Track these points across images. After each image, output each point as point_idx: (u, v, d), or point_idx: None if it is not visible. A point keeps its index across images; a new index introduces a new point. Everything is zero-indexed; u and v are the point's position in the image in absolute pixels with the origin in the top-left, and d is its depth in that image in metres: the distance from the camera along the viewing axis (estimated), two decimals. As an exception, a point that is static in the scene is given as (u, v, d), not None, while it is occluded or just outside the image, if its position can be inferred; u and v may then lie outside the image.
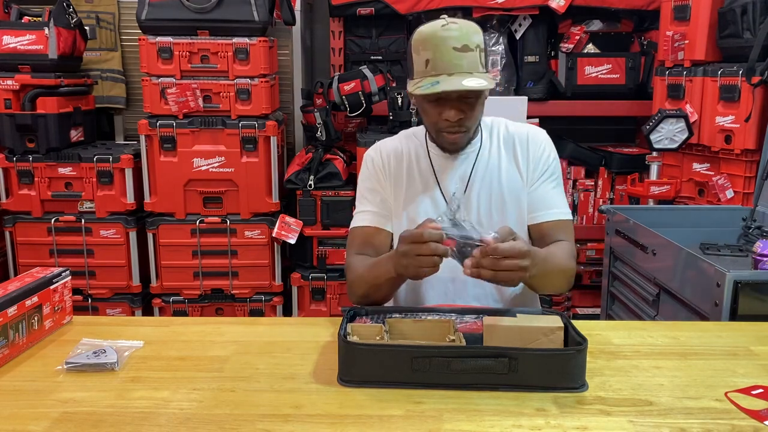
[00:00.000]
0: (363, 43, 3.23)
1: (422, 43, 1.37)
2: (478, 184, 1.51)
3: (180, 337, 1.32)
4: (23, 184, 2.90)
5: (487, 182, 1.51)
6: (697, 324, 1.58)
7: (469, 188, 1.51)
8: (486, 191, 1.51)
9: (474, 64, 1.35)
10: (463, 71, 1.34)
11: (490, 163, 1.52)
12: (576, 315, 3.10)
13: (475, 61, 1.35)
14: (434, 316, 1.26)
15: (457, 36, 1.34)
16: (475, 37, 1.36)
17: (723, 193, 2.52)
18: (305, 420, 1.00)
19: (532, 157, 1.52)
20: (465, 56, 1.34)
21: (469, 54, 1.34)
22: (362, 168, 1.60)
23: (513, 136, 1.54)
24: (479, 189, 1.51)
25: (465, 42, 1.34)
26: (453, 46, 1.34)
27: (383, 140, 1.62)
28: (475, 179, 1.51)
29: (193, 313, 3.00)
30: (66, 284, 1.38)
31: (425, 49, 1.36)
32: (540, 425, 0.99)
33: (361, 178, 1.60)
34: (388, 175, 1.55)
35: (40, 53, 2.83)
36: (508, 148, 1.53)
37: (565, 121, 3.31)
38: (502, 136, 1.55)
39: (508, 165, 1.52)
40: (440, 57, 1.34)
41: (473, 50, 1.35)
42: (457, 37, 1.34)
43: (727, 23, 2.48)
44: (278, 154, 2.96)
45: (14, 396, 1.09)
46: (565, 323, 1.19)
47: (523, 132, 1.54)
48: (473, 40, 1.35)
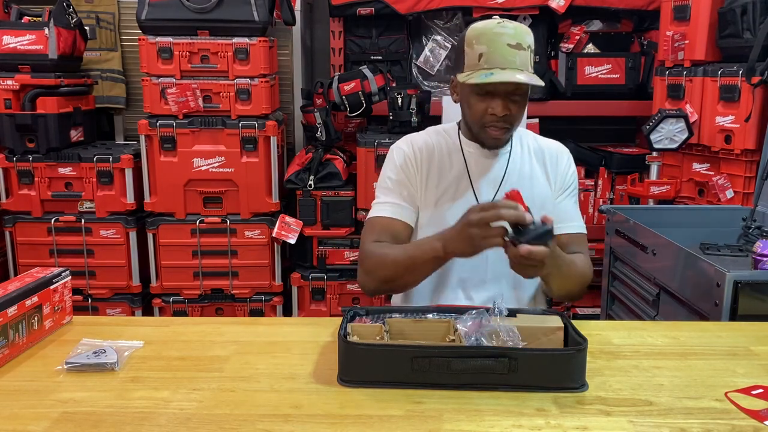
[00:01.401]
0: (363, 43, 3.23)
1: (477, 38, 1.40)
2: (512, 185, 1.53)
3: (180, 337, 1.32)
4: (23, 184, 2.90)
5: (520, 185, 1.52)
6: (697, 324, 1.58)
7: (502, 189, 1.54)
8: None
9: (525, 63, 1.39)
10: (516, 67, 1.38)
11: (522, 168, 1.56)
12: (576, 315, 3.09)
13: (527, 60, 1.40)
14: (434, 316, 1.26)
15: (512, 33, 1.38)
16: (528, 37, 1.40)
17: (723, 193, 2.52)
18: (305, 420, 1.00)
19: (561, 173, 1.59)
20: (518, 54, 1.38)
21: (522, 53, 1.38)
22: (390, 159, 1.60)
23: (543, 149, 1.60)
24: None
25: (519, 40, 1.38)
26: (508, 42, 1.37)
27: (412, 135, 1.63)
28: (508, 181, 1.54)
29: (193, 313, 3.00)
30: (66, 284, 1.38)
31: (480, 43, 1.39)
32: (540, 425, 0.99)
33: (387, 168, 1.59)
34: (419, 168, 1.56)
35: (40, 53, 2.83)
36: (539, 159, 1.59)
37: (565, 121, 3.31)
38: (532, 147, 1.60)
39: (539, 174, 1.57)
40: (495, 51, 1.38)
41: (525, 49, 1.39)
42: (512, 35, 1.38)
43: (727, 23, 2.48)
44: (278, 154, 2.96)
45: (14, 396, 1.08)
46: (565, 323, 1.19)
47: (552, 147, 1.62)
48: (526, 40, 1.39)
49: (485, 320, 1.17)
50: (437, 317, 1.25)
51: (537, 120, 3.03)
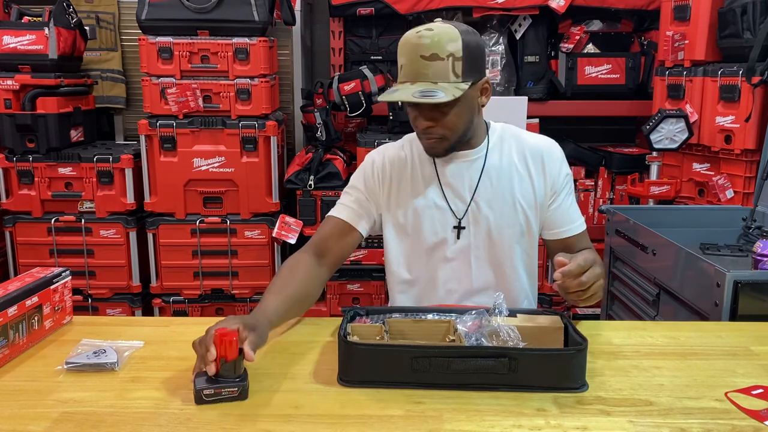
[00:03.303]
0: (363, 43, 3.23)
1: (400, 49, 1.38)
2: (490, 189, 1.49)
3: (180, 337, 1.32)
4: (23, 184, 2.90)
5: (499, 189, 1.49)
6: (697, 324, 1.58)
7: (478, 193, 1.49)
8: (500, 197, 1.49)
9: (442, 73, 1.33)
10: (428, 80, 1.33)
11: (501, 170, 1.49)
12: (576, 315, 3.09)
13: (445, 70, 1.33)
14: (434, 316, 1.26)
15: (428, 44, 1.32)
16: (450, 45, 1.33)
17: (723, 193, 2.52)
18: (305, 420, 1.00)
19: (550, 176, 1.50)
20: (432, 65, 1.32)
21: (438, 63, 1.32)
22: (361, 165, 1.60)
23: (526, 149, 1.51)
24: (492, 194, 1.49)
25: (435, 51, 1.32)
26: (421, 54, 1.33)
27: (387, 145, 1.61)
28: (486, 184, 1.49)
29: (193, 313, 3.00)
30: (66, 284, 1.38)
31: (401, 55, 1.37)
32: (540, 425, 0.99)
33: (356, 174, 1.60)
34: (384, 179, 1.54)
35: (40, 53, 2.83)
36: (521, 159, 1.50)
37: (565, 121, 3.32)
38: (514, 146, 1.52)
39: (521, 175, 1.50)
40: (409, 63, 1.35)
41: (443, 59, 1.32)
42: (427, 45, 1.32)
43: (727, 23, 2.48)
44: (278, 154, 2.96)
45: (14, 396, 1.09)
46: (565, 323, 1.19)
47: (537, 147, 1.52)
48: (446, 49, 1.33)
49: (485, 320, 1.17)
50: (437, 317, 1.25)
51: (537, 120, 3.03)
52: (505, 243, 1.49)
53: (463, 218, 1.49)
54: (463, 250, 1.50)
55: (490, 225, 1.48)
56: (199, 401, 1.05)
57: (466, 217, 1.49)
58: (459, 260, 1.51)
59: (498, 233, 1.49)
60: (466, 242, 1.50)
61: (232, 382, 1.05)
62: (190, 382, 1.07)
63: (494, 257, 1.50)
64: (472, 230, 1.49)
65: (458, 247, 1.50)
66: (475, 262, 1.51)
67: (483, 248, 1.50)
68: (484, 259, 1.51)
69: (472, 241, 1.50)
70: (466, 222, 1.50)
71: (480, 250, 1.50)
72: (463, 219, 1.49)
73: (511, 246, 1.50)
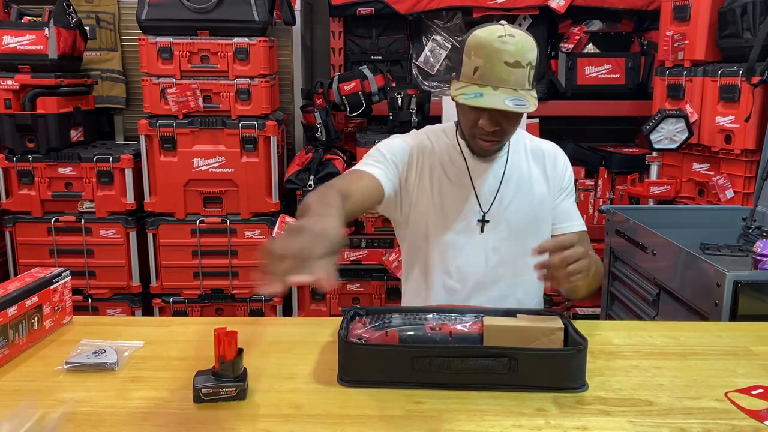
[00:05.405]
0: (363, 43, 3.23)
1: (476, 49, 1.37)
2: (512, 186, 1.55)
3: (180, 337, 1.32)
4: (23, 184, 2.90)
5: (520, 186, 1.55)
6: (697, 324, 1.58)
7: (502, 190, 1.54)
8: (521, 194, 1.55)
9: (521, 81, 1.36)
10: (509, 87, 1.35)
11: (520, 169, 1.56)
12: (576, 315, 3.09)
13: (523, 78, 1.36)
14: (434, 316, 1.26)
15: (512, 51, 1.33)
16: (530, 54, 1.36)
17: (723, 193, 2.52)
18: (305, 420, 1.00)
19: (559, 175, 1.59)
20: (514, 72, 1.34)
21: (519, 71, 1.35)
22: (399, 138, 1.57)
23: (539, 150, 1.60)
24: (514, 191, 1.55)
25: (518, 58, 1.34)
26: (505, 60, 1.33)
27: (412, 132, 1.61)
28: (507, 182, 1.55)
29: (193, 313, 3.00)
30: (66, 284, 1.38)
31: (477, 56, 1.36)
32: (540, 425, 0.99)
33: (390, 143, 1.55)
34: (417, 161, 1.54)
35: (40, 53, 2.83)
36: (537, 160, 1.59)
37: (565, 121, 3.31)
38: (528, 147, 1.60)
39: (537, 175, 1.58)
40: (490, 68, 1.34)
41: (524, 67, 1.35)
42: (511, 52, 1.33)
43: (727, 23, 2.48)
44: (278, 154, 2.96)
45: (14, 396, 1.08)
46: (565, 323, 1.19)
47: (547, 149, 1.61)
48: (527, 57, 1.35)
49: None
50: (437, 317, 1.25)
51: (537, 120, 3.02)
52: (523, 239, 1.53)
53: (487, 212, 1.53)
54: (484, 244, 1.54)
55: (510, 221, 1.54)
56: (197, 400, 1.05)
57: (491, 212, 1.54)
58: (478, 253, 1.54)
59: (518, 230, 1.54)
60: (487, 236, 1.54)
61: (230, 381, 1.05)
62: (190, 381, 1.07)
63: (511, 253, 1.54)
64: (495, 225, 1.54)
65: (480, 239, 1.54)
66: (493, 255, 1.54)
67: (502, 243, 1.54)
68: (502, 254, 1.55)
69: (494, 235, 1.54)
70: (490, 216, 1.54)
71: (499, 245, 1.54)
72: (487, 213, 1.53)
73: (527, 243, 1.51)
